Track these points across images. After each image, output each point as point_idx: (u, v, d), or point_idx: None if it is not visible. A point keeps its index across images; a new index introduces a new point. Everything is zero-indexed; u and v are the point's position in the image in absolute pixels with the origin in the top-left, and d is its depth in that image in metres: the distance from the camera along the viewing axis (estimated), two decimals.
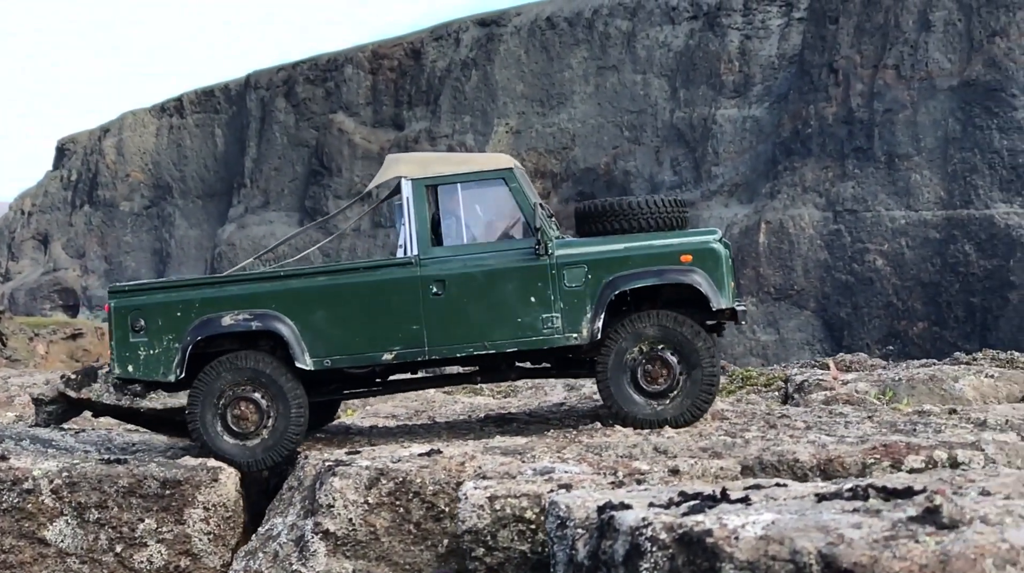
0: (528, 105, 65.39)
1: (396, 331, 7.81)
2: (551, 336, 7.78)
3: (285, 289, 7.93)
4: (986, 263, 61.75)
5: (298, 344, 7.78)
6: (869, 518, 4.85)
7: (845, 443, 6.96)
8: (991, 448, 6.82)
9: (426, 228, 7.93)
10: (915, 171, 64.14)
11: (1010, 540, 4.54)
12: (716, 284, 7.79)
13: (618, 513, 5.22)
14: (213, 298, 7.94)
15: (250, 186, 68.26)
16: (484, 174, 8.08)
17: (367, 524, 6.72)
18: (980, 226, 62.40)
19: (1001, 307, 61.35)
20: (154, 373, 7.89)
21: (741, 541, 4.76)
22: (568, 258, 7.85)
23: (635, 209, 8.03)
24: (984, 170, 62.80)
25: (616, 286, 7.77)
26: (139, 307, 7.98)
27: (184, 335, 7.85)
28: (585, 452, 7.04)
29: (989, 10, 62.64)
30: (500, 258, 7.90)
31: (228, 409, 7.76)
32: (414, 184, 8.00)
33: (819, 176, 65.42)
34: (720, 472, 6.63)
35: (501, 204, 8.12)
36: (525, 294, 7.81)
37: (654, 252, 7.85)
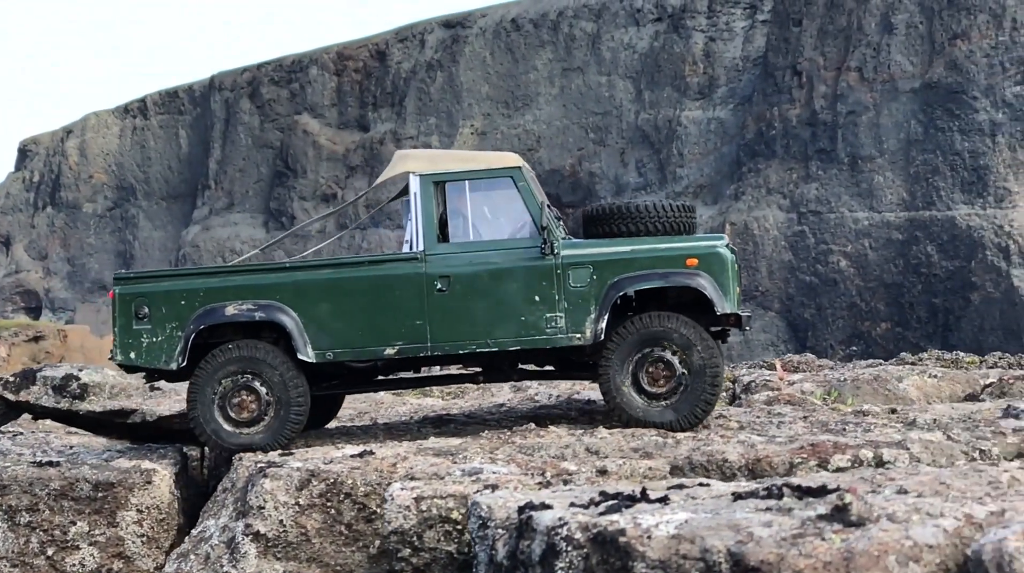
0: (493, 107, 65.43)
1: (399, 326, 7.82)
2: (554, 336, 7.80)
3: (290, 281, 7.95)
4: (948, 264, 62.23)
5: (301, 336, 7.79)
6: (780, 517, 4.91)
7: (774, 443, 7.03)
8: (916, 447, 6.90)
9: (432, 224, 7.95)
10: (878, 173, 64.58)
11: (914, 537, 4.61)
12: (721, 289, 7.81)
13: (536, 513, 5.27)
14: (217, 287, 7.96)
15: (214, 188, 67.97)
16: (492, 172, 8.12)
17: (298, 525, 6.74)
18: (942, 227, 62.88)
19: (963, 308, 61.83)
20: (156, 361, 7.90)
21: (653, 540, 4.82)
22: (574, 258, 7.88)
23: (642, 213, 8.06)
24: (946, 172, 63.31)
25: (621, 287, 7.80)
26: (143, 294, 8.00)
27: (187, 323, 7.86)
28: (517, 453, 7.08)
29: (950, 13, 63.17)
30: (506, 256, 7.92)
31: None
32: (422, 180, 8.03)
33: (783, 178, 65.78)
34: (649, 472, 6.68)
35: (508, 203, 8.14)
36: (530, 293, 7.84)
37: (660, 255, 7.88)
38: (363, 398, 12.44)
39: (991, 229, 62.06)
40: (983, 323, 60.53)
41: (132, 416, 8.82)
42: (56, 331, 47.77)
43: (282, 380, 7.76)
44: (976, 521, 4.78)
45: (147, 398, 9.07)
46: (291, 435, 7.76)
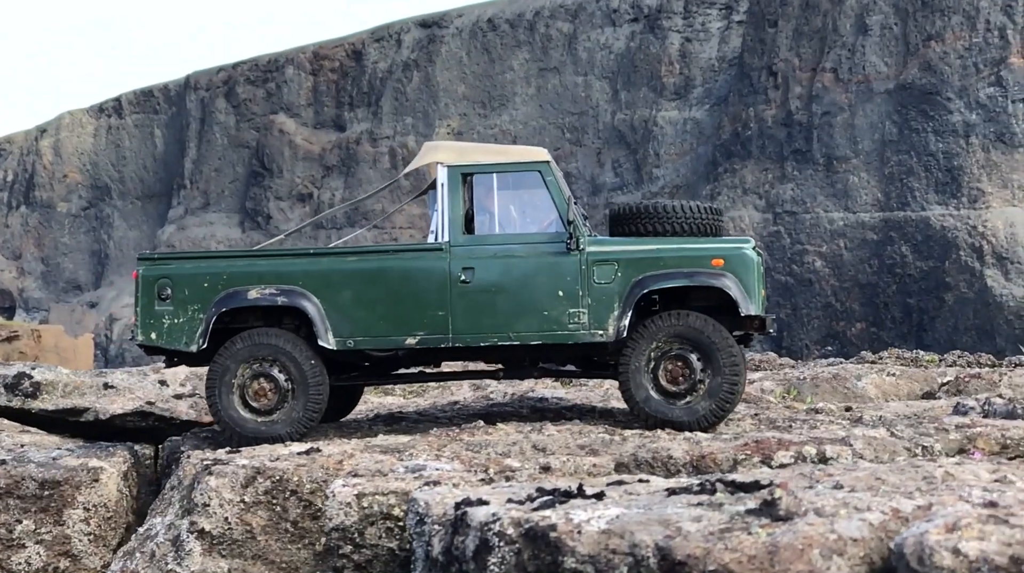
0: (470, 106, 65.43)
1: (421, 316, 7.80)
2: (576, 332, 7.78)
3: (313, 267, 7.94)
4: (922, 264, 62.55)
5: (322, 322, 7.77)
6: (710, 512, 4.95)
7: (720, 440, 7.07)
8: (859, 443, 6.95)
9: (458, 215, 7.94)
10: (853, 173, 64.87)
11: (839, 531, 4.65)
12: (746, 290, 7.77)
13: (471, 509, 5.29)
14: (241, 271, 7.96)
15: (190, 187, 67.75)
16: (521, 165, 8.10)
17: (243, 523, 6.74)
18: (916, 228, 63.20)
19: (937, 308, 62.15)
20: (177, 342, 7.89)
21: (583, 535, 4.85)
22: (599, 255, 7.86)
23: (669, 213, 8.04)
24: (920, 172, 63.63)
25: (645, 285, 7.77)
26: (167, 276, 7.99)
27: (209, 306, 7.86)
28: (463, 450, 7.10)
29: (924, 14, 63.49)
30: (531, 250, 7.90)
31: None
32: (450, 171, 8.01)
33: (759, 178, 66.00)
34: (593, 469, 6.71)
35: (535, 197, 8.13)
36: (553, 288, 7.81)
37: (686, 254, 7.86)
38: None
39: (965, 230, 62.41)
40: (957, 323, 60.86)
41: (85, 414, 8.80)
42: (30, 331, 47.50)
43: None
44: (903, 515, 4.82)
45: (100, 397, 9.06)
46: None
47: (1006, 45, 61.10)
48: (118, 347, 65.30)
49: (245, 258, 8.19)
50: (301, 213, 67.00)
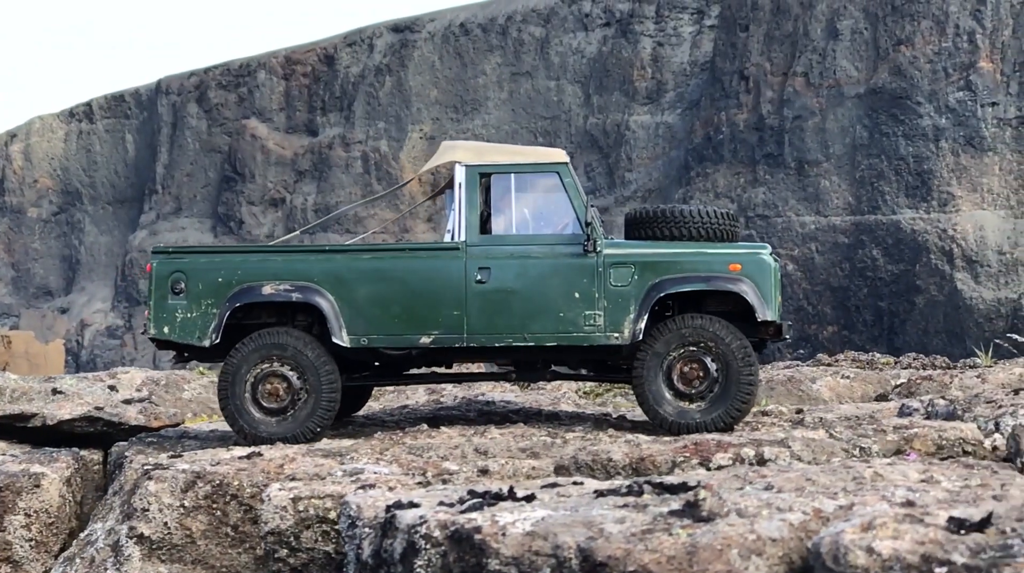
0: (442, 111, 65.45)
1: (436, 315, 7.76)
2: (592, 334, 7.75)
3: (328, 264, 7.90)
4: (893, 268, 62.89)
5: (336, 320, 7.73)
6: (634, 513, 4.99)
7: (660, 442, 7.11)
8: (798, 445, 7.00)
9: (476, 215, 7.91)
10: (824, 177, 65.18)
11: (759, 531, 4.69)
12: (763, 295, 7.76)
13: (400, 512, 5.31)
14: (256, 267, 7.92)
15: (162, 192, 67.51)
16: (539, 166, 8.09)
17: (183, 528, 6.74)
18: (887, 231, 63.55)
19: (908, 311, 62.49)
20: (189, 336, 7.85)
21: (508, 537, 4.87)
22: (616, 258, 7.84)
23: (686, 217, 8.03)
24: (891, 176, 63.98)
25: (662, 289, 7.75)
26: (181, 270, 7.95)
27: (223, 301, 7.81)
28: (405, 453, 7.12)
29: (894, 19, 63.89)
30: (547, 251, 7.88)
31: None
32: (468, 171, 7.99)
33: (731, 182, 66.25)
34: (532, 472, 6.74)
35: (552, 198, 8.10)
36: (570, 289, 7.77)
37: (703, 258, 7.84)
38: None
39: (935, 233, 62.78)
40: (927, 326, 61.22)
41: (32, 420, 8.78)
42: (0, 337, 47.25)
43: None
44: (824, 515, 4.87)
45: (48, 402, 9.03)
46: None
47: (975, 50, 61.54)
48: (89, 353, 65.00)
49: (260, 254, 8.18)
50: (273, 218, 66.88)
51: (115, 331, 66.28)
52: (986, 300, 60.99)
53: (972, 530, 4.42)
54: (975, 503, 4.71)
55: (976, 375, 11.26)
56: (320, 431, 7.66)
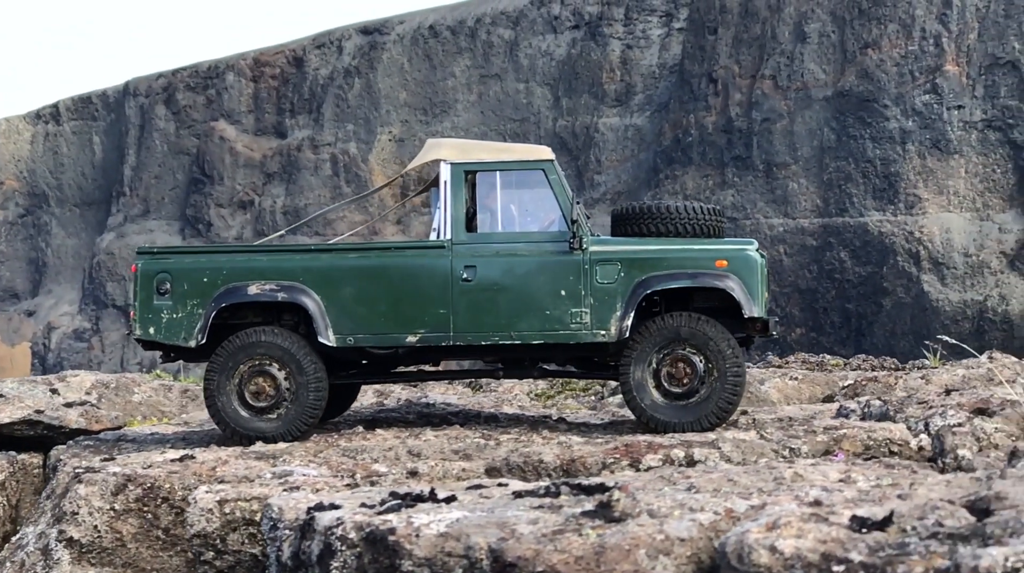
0: (411, 113, 65.41)
1: (422, 314, 7.75)
2: (579, 331, 7.74)
3: (314, 263, 7.88)
4: (861, 270, 63.22)
5: (322, 319, 7.71)
6: (548, 514, 5.03)
7: (592, 444, 7.16)
8: (727, 446, 7.06)
9: (461, 213, 7.91)
10: (792, 179, 65.49)
11: (667, 532, 4.74)
12: (750, 292, 7.77)
13: (319, 514, 5.33)
14: (241, 267, 7.90)
15: (129, 194, 67.19)
16: (524, 164, 8.08)
17: (113, 531, 6.74)
18: (855, 233, 63.89)
19: (875, 313, 62.84)
20: (175, 337, 7.82)
21: (421, 538, 4.91)
22: (602, 255, 7.83)
23: (672, 214, 8.02)
24: (858, 179, 64.33)
25: (649, 286, 7.75)
26: (166, 270, 7.92)
27: (209, 301, 7.79)
28: (339, 455, 7.14)
29: (861, 22, 64.25)
30: (533, 249, 7.88)
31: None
32: (453, 168, 7.98)
33: (700, 184, 66.45)
34: (463, 473, 6.77)
35: (538, 195, 8.09)
36: (556, 287, 7.77)
37: (689, 255, 7.84)
38: None
39: (902, 235, 63.17)
40: (895, 328, 61.58)
41: None
42: None
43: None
44: (735, 515, 4.92)
45: None
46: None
47: (941, 53, 61.97)
48: (56, 355, 64.60)
49: (245, 253, 8.16)
50: (242, 220, 66.67)
51: (82, 334, 65.92)
52: (952, 302, 61.41)
53: (874, 529, 4.48)
54: (881, 502, 4.77)
55: (921, 377, 11.35)
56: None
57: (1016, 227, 60.21)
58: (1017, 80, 60.85)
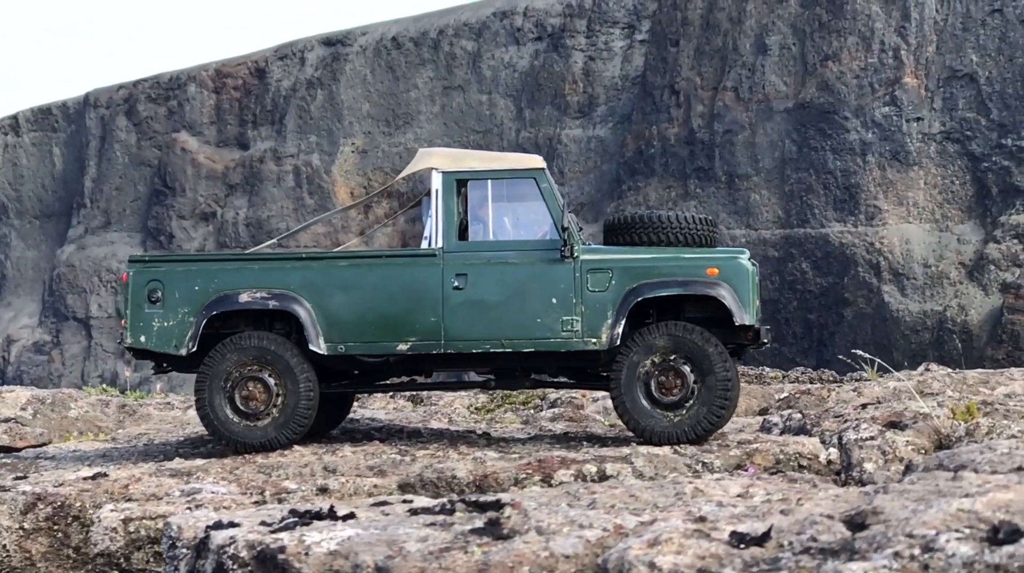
0: (374, 125, 65.41)
1: (413, 322, 7.74)
2: (570, 340, 7.75)
3: (305, 272, 7.86)
4: (822, 281, 63.63)
5: (313, 327, 7.70)
6: (438, 531, 5.05)
7: (506, 459, 7.19)
8: (640, 461, 7.11)
9: (453, 222, 7.92)
10: (754, 191, 65.89)
11: (553, 548, 4.77)
12: (741, 300, 7.77)
13: (214, 532, 5.34)
14: (232, 275, 7.87)
15: (90, 206, 66.82)
16: (515, 172, 8.09)
17: (22, 550, 6.71)
18: (816, 244, 64.31)
19: (836, 323, 63.25)
20: (166, 346, 7.79)
21: (311, 557, 4.92)
22: (593, 263, 7.84)
23: (664, 223, 8.05)
24: (819, 190, 64.78)
25: (640, 294, 7.75)
26: (157, 278, 7.89)
27: (200, 309, 7.76)
28: (255, 472, 7.14)
29: (822, 35, 64.73)
30: (524, 257, 7.88)
31: (236, 388, 7.63)
32: (444, 177, 7.98)
33: (662, 195, 66.74)
34: (374, 490, 6.79)
35: (530, 204, 8.08)
36: (547, 295, 7.77)
37: (680, 263, 7.86)
38: (169, 419, 12.38)
39: (863, 246, 63.63)
40: (856, 338, 61.91)
41: None
42: None
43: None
44: (624, 531, 4.96)
45: None
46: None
47: (900, 65, 62.51)
48: (16, 369, 64.09)
49: (237, 261, 8.14)
50: (204, 232, 66.40)
51: (42, 347, 65.44)
52: (912, 313, 61.88)
53: (752, 544, 4.53)
54: (764, 518, 4.83)
55: (853, 389, 11.46)
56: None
57: (974, 238, 60.74)
58: (975, 92, 61.49)
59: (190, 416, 12.31)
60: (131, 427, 11.52)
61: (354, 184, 64.88)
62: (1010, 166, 60.00)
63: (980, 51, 61.66)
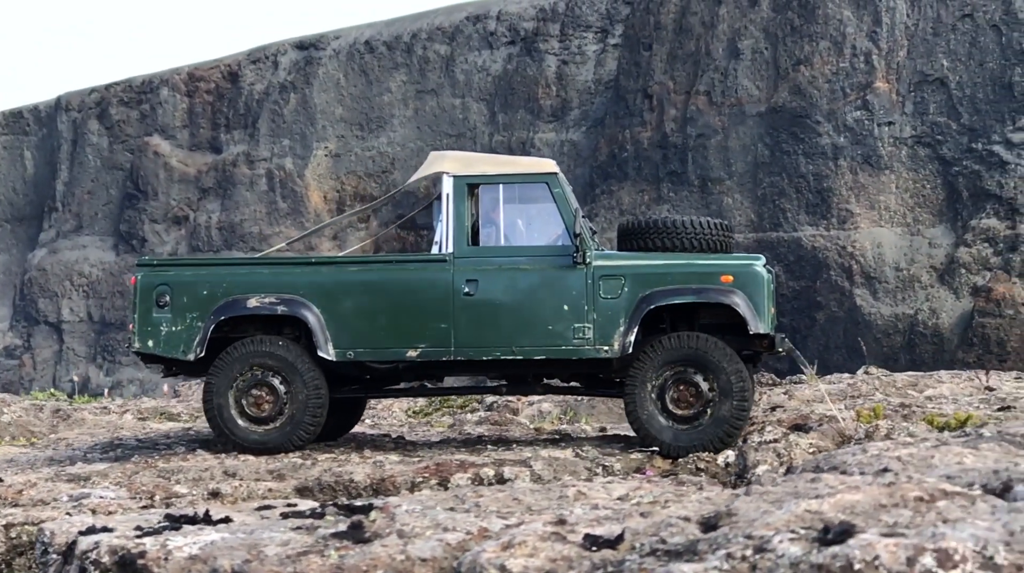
0: (347, 128, 65.33)
1: (423, 328, 7.66)
2: (581, 347, 7.67)
3: (315, 276, 7.77)
4: (795, 284, 63.73)
5: (322, 333, 7.61)
6: (302, 535, 5.04)
7: (406, 463, 7.18)
8: (539, 464, 7.11)
9: (464, 226, 7.83)
10: (727, 194, 66.00)
11: (410, 552, 4.76)
12: (755, 308, 7.75)
13: (82, 538, 5.31)
14: (241, 279, 7.79)
15: (62, 210, 66.54)
16: (528, 177, 8.01)
17: None
18: (788, 248, 64.41)
19: (809, 327, 63.38)
20: (174, 350, 7.72)
21: (170, 562, 4.90)
22: (606, 269, 7.76)
23: (679, 228, 7.99)
24: (791, 194, 64.95)
25: (653, 301, 7.67)
26: (165, 282, 7.81)
27: (208, 314, 7.69)
28: (155, 477, 7.11)
29: (794, 39, 64.92)
30: (536, 263, 7.79)
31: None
32: (455, 181, 7.89)
33: (635, 199, 66.83)
34: (268, 494, 6.77)
35: (542, 209, 7.97)
36: (559, 302, 7.68)
37: (694, 270, 7.78)
38: (104, 422, 12.31)
39: (835, 250, 63.82)
40: (828, 341, 62.14)
41: None
42: None
43: (301, 379, 7.56)
44: (488, 534, 4.95)
45: None
46: (306, 436, 7.57)
47: (872, 70, 62.76)
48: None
49: (245, 266, 8.06)
50: (177, 236, 66.22)
51: (13, 351, 65.12)
52: (884, 316, 62.09)
53: (605, 546, 4.53)
54: (624, 520, 4.82)
55: (784, 392, 11.50)
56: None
57: (945, 242, 60.98)
58: (945, 97, 61.78)
59: (125, 421, 12.26)
60: (65, 432, 11.47)
61: (327, 188, 64.81)
62: (980, 170, 60.27)
63: (951, 56, 61.97)
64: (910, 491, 4.33)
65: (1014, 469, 4.43)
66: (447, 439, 8.34)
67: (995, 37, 60.75)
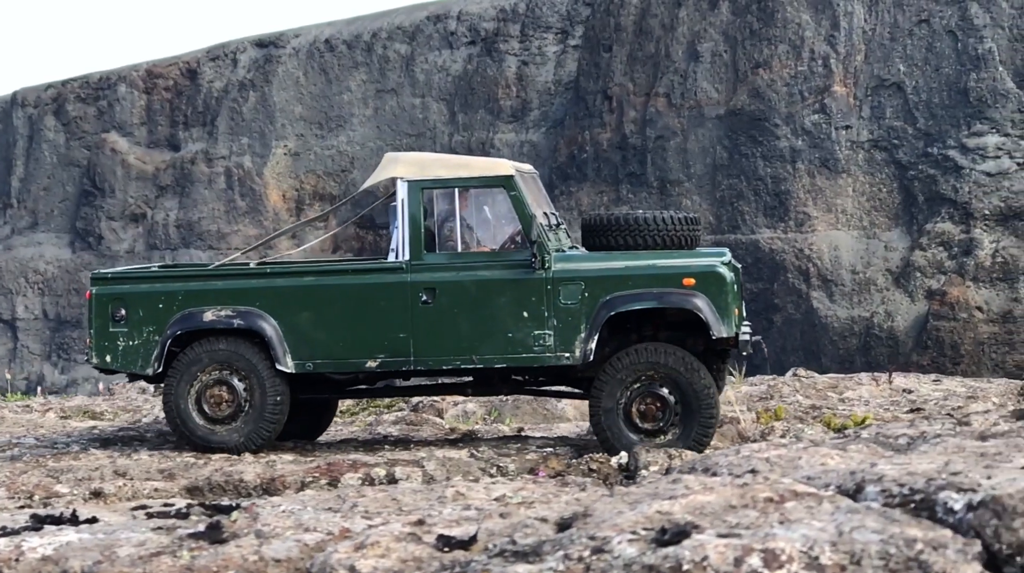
0: (307, 127, 65.11)
1: (382, 338, 7.52)
2: (542, 354, 7.49)
3: (271, 287, 7.62)
4: (752, 287, 63.83)
5: (281, 345, 7.49)
6: (161, 535, 4.97)
7: (296, 463, 7.13)
8: (432, 464, 7.07)
9: (419, 232, 7.65)
10: (686, 196, 66.22)
11: (264, 553, 4.71)
12: (719, 310, 7.54)
13: None
14: (197, 292, 7.65)
15: (17, 207, 65.96)
16: (484, 180, 7.82)
17: None
18: (747, 250, 64.66)
19: (767, 329, 63.54)
20: (132, 365, 7.60)
21: (21, 563, 4.82)
22: (565, 273, 7.58)
23: (643, 225, 7.79)
24: (750, 196, 65.27)
25: (613, 306, 7.49)
26: (121, 296, 7.67)
27: (165, 328, 7.53)
28: (42, 476, 7.02)
29: (753, 43, 65.25)
30: (494, 269, 7.63)
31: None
32: (410, 186, 7.73)
33: (595, 200, 66.93)
34: (155, 493, 6.70)
35: (499, 212, 7.86)
36: (518, 308, 7.51)
37: (655, 273, 7.59)
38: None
39: (792, 252, 64.16)
40: (785, 344, 62.49)
41: None
42: None
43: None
44: (349, 534, 4.90)
45: None
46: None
47: (830, 74, 63.13)
48: None
49: (201, 278, 7.87)
50: (134, 233, 65.77)
51: None
52: (840, 318, 62.46)
53: (457, 547, 4.49)
54: (483, 521, 4.78)
55: None
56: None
57: (901, 245, 61.43)
58: (902, 102, 62.23)
59: (47, 419, 12.12)
60: None
61: (286, 187, 64.54)
62: (936, 175, 60.76)
63: (907, 61, 62.44)
64: (761, 492, 4.31)
65: (869, 470, 4.43)
66: (348, 439, 8.28)
67: (951, 43, 61.28)
